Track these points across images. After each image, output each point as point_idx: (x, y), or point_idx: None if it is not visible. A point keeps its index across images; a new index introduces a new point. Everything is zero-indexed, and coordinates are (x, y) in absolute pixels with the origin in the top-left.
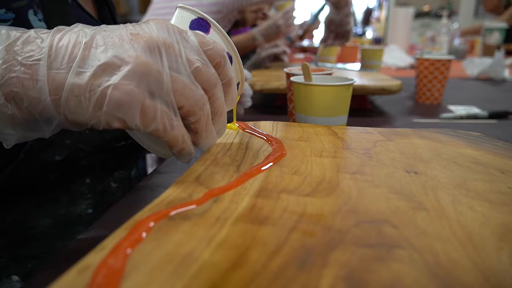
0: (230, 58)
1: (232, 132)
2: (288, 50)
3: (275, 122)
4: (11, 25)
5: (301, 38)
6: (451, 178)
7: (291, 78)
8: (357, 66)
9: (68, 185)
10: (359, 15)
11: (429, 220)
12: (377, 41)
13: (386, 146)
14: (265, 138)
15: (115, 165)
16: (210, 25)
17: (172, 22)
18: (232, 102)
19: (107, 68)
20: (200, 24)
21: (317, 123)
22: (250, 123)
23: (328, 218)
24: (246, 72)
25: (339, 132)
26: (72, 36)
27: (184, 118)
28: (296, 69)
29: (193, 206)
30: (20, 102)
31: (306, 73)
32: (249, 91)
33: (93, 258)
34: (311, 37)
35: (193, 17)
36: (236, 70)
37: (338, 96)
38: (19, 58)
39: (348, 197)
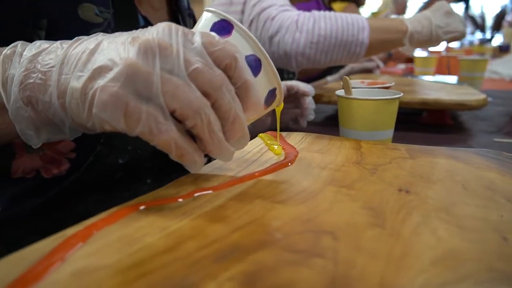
0: (258, 61)
1: (256, 140)
2: (381, 64)
3: (307, 134)
4: None
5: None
6: (441, 200)
7: (336, 92)
8: (452, 78)
9: (131, 184)
10: (489, 19)
11: (377, 237)
12: (503, 49)
13: (401, 163)
14: (283, 148)
15: (173, 168)
16: (233, 27)
17: (198, 26)
18: (254, 109)
19: (101, 71)
20: (221, 26)
21: (359, 137)
22: (284, 134)
23: (279, 223)
24: (308, 85)
25: (365, 146)
26: (86, 44)
27: (182, 123)
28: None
29: (179, 201)
30: (36, 105)
31: (346, 87)
32: (312, 105)
33: (71, 231)
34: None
35: (216, 19)
36: (267, 74)
37: (379, 111)
38: (39, 66)
39: (315, 208)
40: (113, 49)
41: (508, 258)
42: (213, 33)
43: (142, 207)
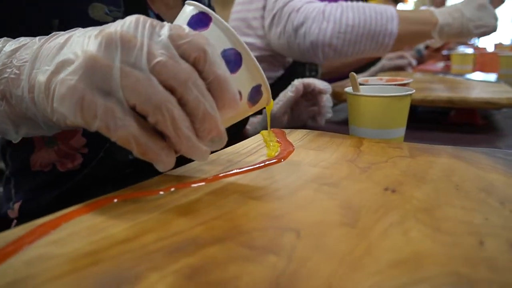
0: (238, 56)
1: (257, 137)
2: (414, 62)
3: (310, 131)
4: None
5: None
6: (427, 201)
7: (345, 89)
8: (491, 76)
9: (141, 179)
10: None
11: (343, 237)
12: None
13: (397, 162)
14: (280, 144)
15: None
16: (211, 20)
17: (178, 19)
18: (232, 107)
19: (64, 64)
20: (199, 19)
21: (367, 135)
22: (287, 131)
23: (245, 219)
24: (325, 83)
25: (366, 144)
26: (59, 39)
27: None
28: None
29: (159, 194)
30: (10, 99)
31: (354, 83)
32: (329, 103)
33: (42, 220)
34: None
35: (194, 12)
36: (250, 69)
37: (387, 108)
38: (15, 61)
39: (289, 205)
40: (79, 43)
41: (476, 263)
42: (185, 26)
43: (115, 200)
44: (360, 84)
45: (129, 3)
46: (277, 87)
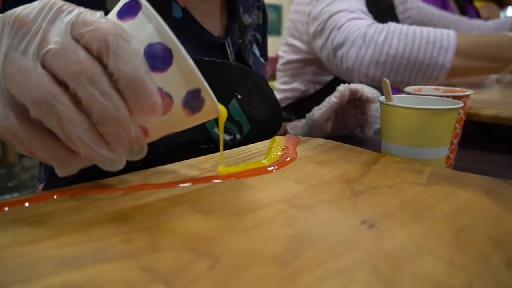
0: (168, 52)
1: (266, 142)
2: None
3: (329, 141)
4: None
5: None
6: (404, 247)
7: (379, 98)
8: None
9: None
10: None
11: (262, 278)
12: None
13: (403, 190)
14: (284, 153)
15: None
16: (140, 8)
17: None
18: (145, 111)
19: None
20: (129, 7)
21: (399, 153)
22: (303, 139)
23: (170, 235)
24: (374, 90)
25: (382, 163)
26: None
27: None
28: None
29: (114, 193)
30: None
31: (386, 91)
32: (377, 112)
33: None
34: None
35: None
36: (183, 70)
37: (426, 123)
38: None
39: (234, 225)
40: None
41: None
42: (98, 13)
43: (55, 196)
44: (409, 94)
45: None
46: (327, 91)
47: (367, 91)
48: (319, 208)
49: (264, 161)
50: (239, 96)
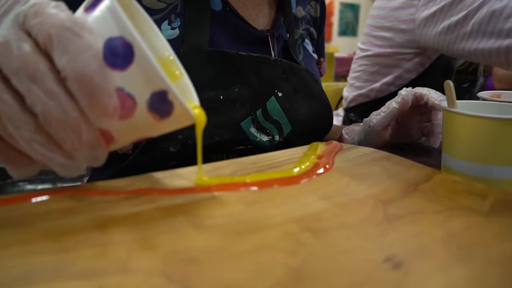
0: (129, 48)
1: (301, 148)
2: None
3: (376, 151)
4: None
5: None
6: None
7: (441, 103)
8: None
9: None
10: None
11: None
12: None
13: (452, 219)
14: (318, 162)
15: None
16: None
17: None
18: (99, 113)
19: None
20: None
21: (461, 169)
22: (347, 146)
23: (142, 252)
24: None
25: (436, 181)
26: None
27: None
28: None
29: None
30: None
31: (449, 95)
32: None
33: None
34: None
35: None
36: (145, 69)
37: (496, 135)
38: None
39: (224, 248)
40: None
41: None
42: (53, 3)
43: (38, 198)
44: (484, 100)
45: None
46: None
47: (434, 97)
48: (338, 234)
49: (295, 170)
50: (280, 94)
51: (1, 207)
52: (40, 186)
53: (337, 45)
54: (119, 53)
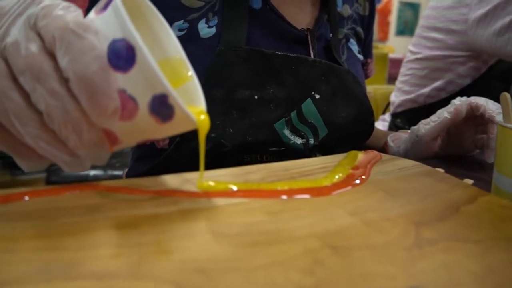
0: (131, 51)
1: (337, 156)
2: None
3: (420, 165)
4: (184, 34)
5: None
6: None
7: (496, 117)
8: None
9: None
10: None
11: None
12: None
13: (492, 250)
14: (351, 173)
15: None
16: (112, 1)
17: None
18: (99, 114)
19: None
20: (108, 0)
21: None
22: (387, 157)
23: (166, 256)
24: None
25: (481, 204)
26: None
27: None
28: None
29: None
30: None
31: (505, 109)
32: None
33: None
34: None
35: None
36: (146, 72)
37: None
38: None
39: (248, 257)
40: None
41: None
42: (62, 4)
43: (25, 198)
44: None
45: None
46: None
47: (492, 108)
48: (361, 255)
49: (326, 180)
50: (317, 96)
51: (33, 198)
52: (92, 172)
53: (394, 45)
54: (122, 55)
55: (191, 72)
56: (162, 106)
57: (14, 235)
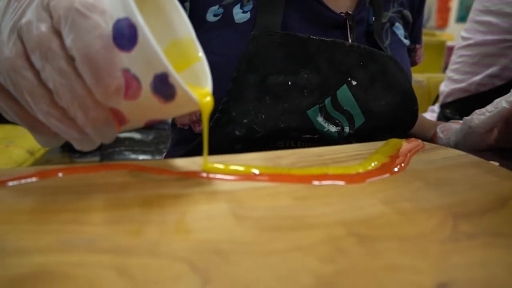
0: (133, 29)
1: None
2: None
3: (466, 155)
4: (220, 19)
5: None
6: None
7: None
8: None
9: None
10: None
11: None
12: None
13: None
14: (388, 162)
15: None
16: None
17: None
18: (103, 94)
19: None
20: None
21: None
22: (430, 146)
23: (185, 235)
24: None
25: None
26: None
27: None
28: None
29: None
30: None
31: None
32: None
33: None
34: None
35: None
36: (147, 51)
37: None
38: None
39: (268, 241)
40: None
41: None
42: None
43: (60, 174)
44: None
45: None
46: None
47: None
48: (388, 246)
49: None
50: (354, 82)
51: (70, 174)
52: (141, 157)
53: (453, 33)
54: (125, 34)
55: (201, 53)
56: (163, 86)
57: (44, 208)
